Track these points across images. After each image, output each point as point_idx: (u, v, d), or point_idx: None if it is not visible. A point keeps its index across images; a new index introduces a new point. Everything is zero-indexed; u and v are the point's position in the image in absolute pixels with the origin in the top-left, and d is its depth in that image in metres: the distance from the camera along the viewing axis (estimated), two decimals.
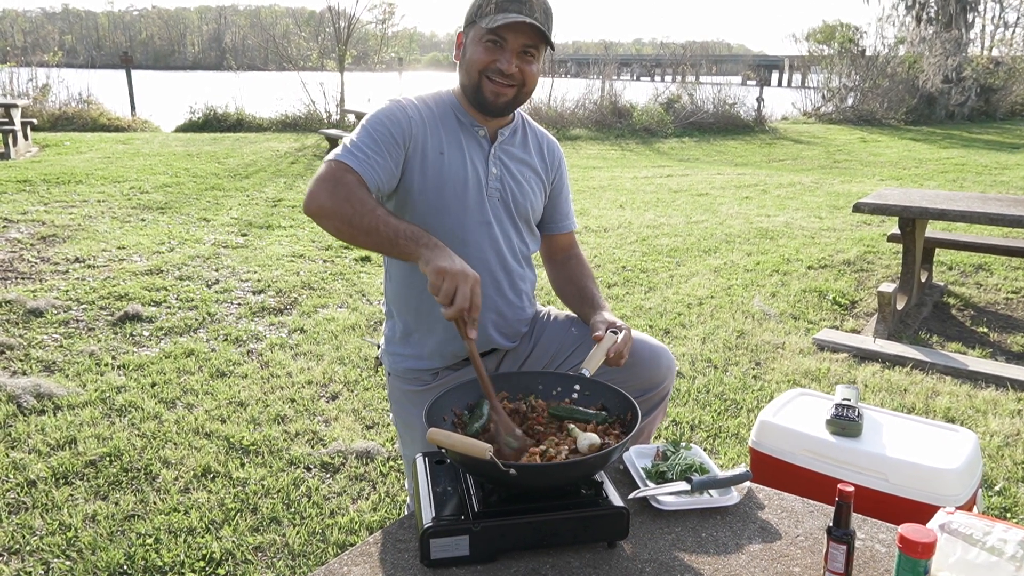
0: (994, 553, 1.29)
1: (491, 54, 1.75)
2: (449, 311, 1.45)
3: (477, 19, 1.76)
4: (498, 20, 1.70)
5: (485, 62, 1.75)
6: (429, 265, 1.48)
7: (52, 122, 13.76)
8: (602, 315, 1.82)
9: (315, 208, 1.62)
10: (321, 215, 1.62)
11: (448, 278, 1.45)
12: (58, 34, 76.04)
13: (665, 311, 4.57)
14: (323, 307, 4.54)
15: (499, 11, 1.71)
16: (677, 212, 7.56)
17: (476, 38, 1.76)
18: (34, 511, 2.47)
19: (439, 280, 1.45)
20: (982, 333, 4.35)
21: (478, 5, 1.76)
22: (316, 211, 1.62)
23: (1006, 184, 9.63)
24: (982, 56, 22.46)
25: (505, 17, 1.69)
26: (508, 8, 1.71)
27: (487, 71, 1.76)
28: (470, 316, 1.48)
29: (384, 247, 1.59)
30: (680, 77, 20.12)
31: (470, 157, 1.83)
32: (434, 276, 1.46)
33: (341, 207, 1.59)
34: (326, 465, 2.81)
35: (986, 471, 2.81)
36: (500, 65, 1.74)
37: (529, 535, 1.35)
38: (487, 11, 1.73)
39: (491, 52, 1.75)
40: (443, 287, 1.45)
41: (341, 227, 1.60)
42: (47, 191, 7.55)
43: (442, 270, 1.45)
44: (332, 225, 1.61)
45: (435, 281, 1.46)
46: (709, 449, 3.00)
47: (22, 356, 3.68)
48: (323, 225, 1.63)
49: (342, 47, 15.35)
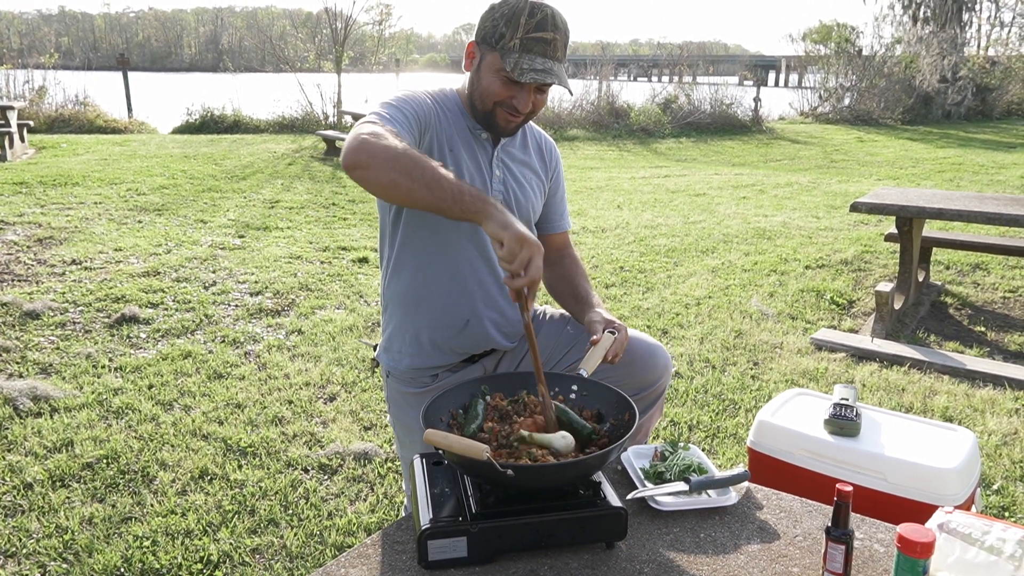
0: (993, 552, 1.28)
1: (508, 90, 1.72)
2: (519, 280, 1.40)
3: (496, 46, 1.70)
4: (524, 73, 1.66)
5: (502, 97, 1.73)
6: (508, 230, 1.39)
7: (48, 124, 13.73)
8: (598, 313, 1.81)
9: (364, 158, 1.46)
10: (372, 166, 1.45)
11: (527, 246, 1.39)
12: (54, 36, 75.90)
13: (663, 311, 4.57)
14: (321, 308, 4.53)
15: (524, 51, 1.67)
16: (675, 212, 7.56)
17: (493, 67, 1.72)
18: (30, 514, 2.46)
19: (518, 247, 1.38)
20: (980, 332, 4.36)
21: (499, 32, 1.69)
22: (366, 161, 1.46)
23: (1003, 183, 9.65)
24: (978, 56, 22.50)
25: (532, 69, 1.66)
26: (533, 50, 1.67)
27: (502, 105, 1.75)
28: (532, 290, 1.44)
29: (444, 203, 1.45)
30: (677, 78, 20.12)
31: (475, 159, 1.83)
32: (513, 243, 1.38)
33: (399, 157, 1.45)
34: (324, 467, 2.81)
35: (984, 470, 2.81)
36: (517, 103, 1.73)
37: (527, 536, 1.35)
38: (511, 47, 1.68)
39: (508, 88, 1.72)
40: (521, 254, 1.38)
41: (397, 179, 1.44)
42: (43, 193, 7.54)
43: (522, 238, 1.38)
44: (386, 177, 1.45)
45: (513, 247, 1.38)
46: (707, 449, 2.99)
47: (18, 358, 3.67)
48: (371, 178, 1.47)
49: (339, 48, 15.33)
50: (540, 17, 1.68)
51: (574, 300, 1.96)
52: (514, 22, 1.67)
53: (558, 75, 1.69)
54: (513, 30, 1.67)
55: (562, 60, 1.73)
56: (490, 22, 1.72)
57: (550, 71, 1.68)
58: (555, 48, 1.70)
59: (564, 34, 1.72)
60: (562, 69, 1.72)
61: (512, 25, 1.67)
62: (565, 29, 1.73)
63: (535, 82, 1.68)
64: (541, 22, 1.67)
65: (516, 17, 1.67)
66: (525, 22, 1.67)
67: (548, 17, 1.68)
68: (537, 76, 1.67)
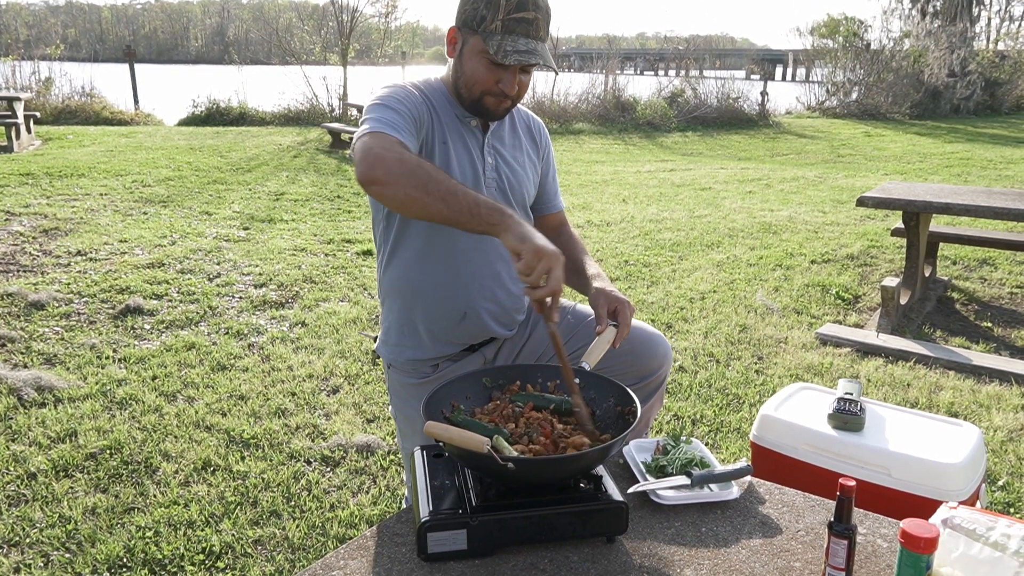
0: (997, 548, 1.27)
1: (493, 74, 1.70)
2: (539, 292, 1.42)
3: (477, 29, 1.68)
4: (508, 56, 1.64)
5: (487, 84, 1.71)
6: (526, 243, 1.41)
7: (55, 115, 13.75)
8: (602, 290, 1.79)
9: (382, 174, 1.49)
10: (389, 181, 1.48)
11: (545, 258, 1.40)
12: (61, 27, 75.93)
13: (667, 305, 4.55)
14: (324, 301, 4.53)
15: (506, 32, 1.65)
16: (680, 206, 7.54)
17: (476, 50, 1.70)
18: (34, 503, 2.47)
19: (536, 260, 1.40)
20: (986, 328, 4.33)
21: (480, 15, 1.67)
22: (383, 177, 1.49)
23: (1011, 178, 9.59)
24: (987, 50, 22.34)
25: (516, 51, 1.65)
26: (516, 30, 1.66)
27: (489, 92, 1.73)
28: (555, 300, 1.45)
29: (460, 216, 1.47)
30: (684, 71, 20.04)
31: (467, 148, 1.82)
32: (532, 256, 1.40)
33: (414, 172, 1.48)
34: (326, 459, 2.81)
35: (990, 466, 2.79)
36: (503, 87, 1.71)
37: (527, 529, 1.34)
38: (492, 29, 1.66)
39: (493, 72, 1.70)
40: (539, 267, 1.40)
41: (413, 193, 1.47)
42: (50, 184, 7.55)
43: (540, 251, 1.40)
44: (403, 192, 1.48)
45: (532, 261, 1.40)
46: (711, 444, 2.99)
47: (23, 349, 3.68)
48: (388, 193, 1.50)
49: (345, 41, 15.32)
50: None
51: (576, 275, 1.95)
52: (494, 4, 1.65)
53: (542, 55, 1.68)
54: (494, 12, 1.65)
55: (545, 39, 1.71)
56: (470, 5, 1.69)
57: (534, 51, 1.67)
58: (537, 27, 1.68)
59: (546, 12, 1.70)
60: (545, 49, 1.71)
61: (492, 7, 1.65)
62: (547, 7, 1.71)
63: (519, 63, 1.66)
64: (522, 2, 1.65)
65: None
66: (505, 3, 1.65)
67: None
68: (521, 57, 1.65)
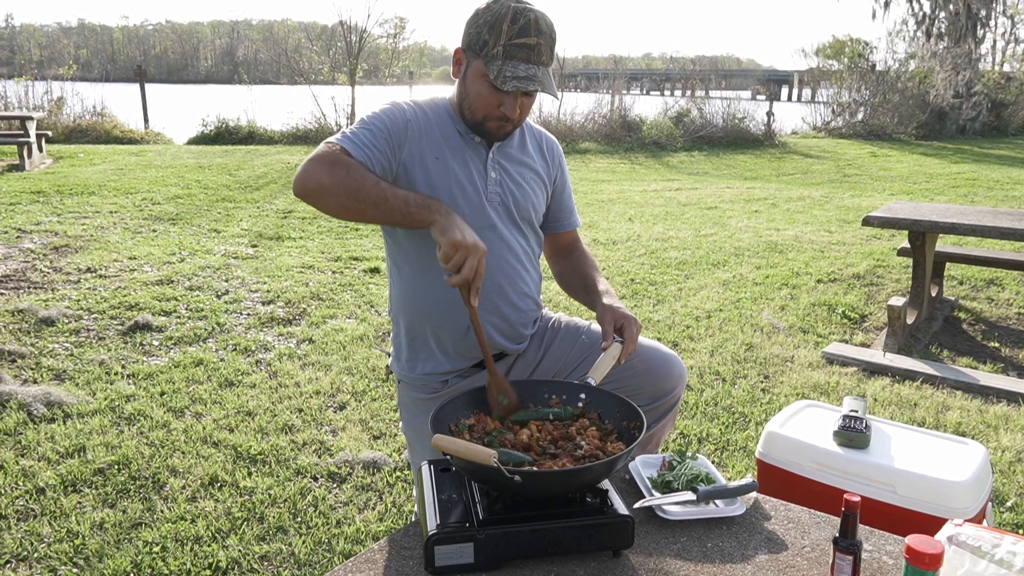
0: (1002, 566, 1.27)
1: (495, 97, 1.72)
2: (454, 279, 1.54)
3: (480, 53, 1.70)
4: (507, 82, 1.67)
5: (490, 107, 1.74)
6: (445, 235, 1.54)
7: (66, 134, 13.89)
8: (608, 307, 1.80)
9: (314, 186, 1.59)
10: (321, 192, 1.59)
11: (460, 250, 1.52)
12: (73, 48, 76.85)
13: (674, 324, 4.56)
14: (332, 318, 4.55)
15: (507, 58, 1.67)
16: (686, 225, 7.56)
17: (478, 74, 1.72)
18: (42, 518, 2.48)
19: (452, 251, 1.53)
20: (993, 348, 4.32)
21: (482, 40, 1.69)
22: (315, 189, 1.59)
23: (1018, 199, 9.59)
24: (993, 71, 22.38)
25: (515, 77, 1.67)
26: (517, 56, 1.67)
27: (491, 117, 1.76)
28: (474, 285, 1.56)
29: (394, 217, 1.61)
30: (690, 92, 20.13)
31: (468, 163, 1.83)
32: (448, 247, 1.53)
33: (344, 182, 1.58)
34: (333, 475, 2.82)
35: (997, 487, 2.78)
36: (505, 110, 1.74)
37: (534, 543, 1.35)
38: (494, 54, 1.68)
39: (495, 95, 1.72)
40: (455, 258, 1.53)
41: (346, 202, 1.59)
42: (60, 202, 7.62)
43: (456, 242, 1.52)
44: (335, 201, 1.60)
45: (448, 252, 1.53)
46: (717, 462, 2.98)
47: (33, 364, 3.70)
48: (324, 203, 1.61)
49: (353, 61, 15.46)
50: (523, 23, 1.67)
51: (584, 291, 1.97)
52: (497, 28, 1.67)
53: (542, 81, 1.69)
54: (496, 37, 1.67)
55: (548, 64, 1.73)
56: (474, 28, 1.72)
57: (533, 78, 1.68)
58: (539, 53, 1.69)
59: (549, 38, 1.71)
60: (547, 74, 1.72)
61: (495, 32, 1.67)
62: (550, 33, 1.72)
63: (517, 90, 1.68)
64: (524, 28, 1.67)
65: (499, 24, 1.67)
66: (507, 28, 1.66)
67: (531, 22, 1.67)
68: (520, 84, 1.67)
